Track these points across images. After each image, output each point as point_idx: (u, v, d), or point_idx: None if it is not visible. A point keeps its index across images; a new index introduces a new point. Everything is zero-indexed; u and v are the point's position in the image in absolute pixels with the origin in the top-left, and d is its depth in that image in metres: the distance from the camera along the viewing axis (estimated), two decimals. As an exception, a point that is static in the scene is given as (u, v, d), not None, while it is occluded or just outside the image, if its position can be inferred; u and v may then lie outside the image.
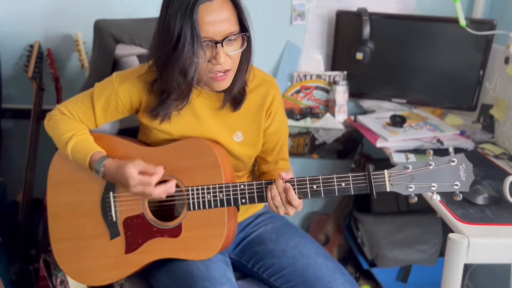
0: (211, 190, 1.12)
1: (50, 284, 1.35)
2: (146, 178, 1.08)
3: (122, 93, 1.16)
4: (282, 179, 1.06)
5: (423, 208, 1.90)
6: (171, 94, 1.10)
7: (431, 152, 1.03)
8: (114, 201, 1.19)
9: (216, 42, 1.01)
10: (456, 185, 1.01)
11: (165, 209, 1.22)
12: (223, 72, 1.06)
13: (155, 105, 1.14)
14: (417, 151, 1.63)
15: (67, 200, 1.23)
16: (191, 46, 0.99)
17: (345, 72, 1.98)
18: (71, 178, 1.22)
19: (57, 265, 1.26)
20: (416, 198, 1.03)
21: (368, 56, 1.86)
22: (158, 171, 1.09)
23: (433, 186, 1.01)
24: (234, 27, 1.03)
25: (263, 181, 1.10)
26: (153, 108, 1.14)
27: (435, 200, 1.02)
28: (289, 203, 1.06)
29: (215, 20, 0.99)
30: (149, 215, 1.17)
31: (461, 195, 1.01)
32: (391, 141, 1.69)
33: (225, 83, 1.08)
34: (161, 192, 1.09)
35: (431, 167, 1.01)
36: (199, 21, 0.98)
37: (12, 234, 1.84)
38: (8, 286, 1.71)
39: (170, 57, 1.02)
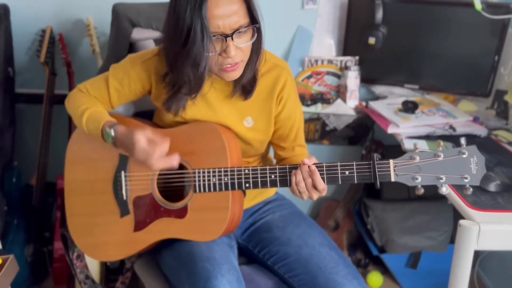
0: (216, 174, 1.13)
1: (67, 257, 1.39)
2: (150, 147, 1.05)
3: (134, 74, 1.17)
4: (306, 164, 1.05)
5: (434, 195, 1.88)
6: (182, 87, 1.11)
7: (441, 143, 1.00)
8: (125, 180, 1.22)
9: (226, 36, 1.00)
10: (466, 178, 0.97)
11: (175, 190, 1.24)
12: (234, 64, 1.06)
13: (167, 97, 1.15)
14: (429, 137, 1.62)
15: (82, 178, 1.27)
16: (200, 41, 0.98)
17: (357, 57, 1.96)
18: (87, 156, 1.26)
19: (72, 240, 1.30)
20: (422, 190, 1.00)
21: (381, 41, 1.84)
22: (164, 141, 1.06)
23: (441, 179, 0.98)
24: (243, 19, 1.02)
25: (267, 167, 1.10)
26: (165, 101, 1.15)
27: (444, 193, 0.99)
28: (315, 187, 1.06)
29: (224, 13, 0.99)
30: (157, 195, 1.19)
31: (471, 189, 0.98)
32: (402, 127, 1.67)
33: (236, 74, 1.08)
34: (161, 165, 1.07)
35: (439, 158, 0.98)
36: (208, 15, 0.98)
37: (26, 217, 1.88)
38: (23, 268, 1.75)
39: (180, 51, 1.02)
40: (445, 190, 0.99)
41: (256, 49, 1.09)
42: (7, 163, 1.88)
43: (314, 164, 1.06)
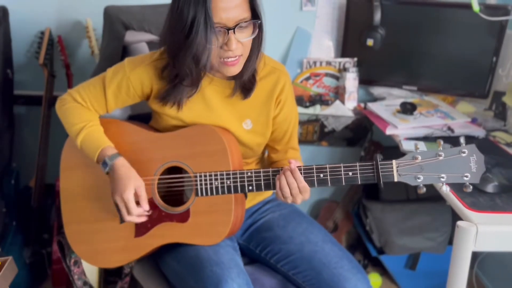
0: (218, 177, 1.13)
1: (64, 264, 1.38)
2: (131, 205, 1.12)
3: (133, 78, 1.16)
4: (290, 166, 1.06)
5: (433, 196, 1.89)
6: (184, 80, 1.11)
7: (442, 142, 1.01)
8: None
9: (228, 29, 1.01)
10: (466, 176, 0.99)
11: (175, 194, 1.24)
12: (234, 57, 1.06)
13: (165, 90, 1.15)
14: (427, 138, 1.62)
15: (78, 184, 1.25)
16: (204, 33, 0.99)
17: (356, 59, 1.96)
18: (83, 162, 1.24)
19: (70, 246, 1.29)
20: (424, 189, 1.02)
21: (379, 42, 1.84)
22: (145, 205, 1.14)
23: (442, 177, 1.00)
24: (246, 13, 1.03)
25: (270, 169, 1.10)
26: (164, 93, 1.15)
27: (444, 191, 1.01)
28: (299, 190, 1.06)
29: (227, 6, 1.00)
30: (158, 200, 1.19)
31: (471, 187, 1.00)
32: (401, 129, 1.68)
33: (236, 68, 1.09)
34: (131, 220, 1.14)
35: (440, 157, 0.99)
36: (212, 6, 0.99)
37: (25, 218, 1.88)
38: (21, 270, 1.75)
39: (183, 43, 1.03)
40: (445, 189, 1.01)
41: (257, 46, 1.10)
42: (6, 165, 1.88)
43: (304, 166, 1.07)
